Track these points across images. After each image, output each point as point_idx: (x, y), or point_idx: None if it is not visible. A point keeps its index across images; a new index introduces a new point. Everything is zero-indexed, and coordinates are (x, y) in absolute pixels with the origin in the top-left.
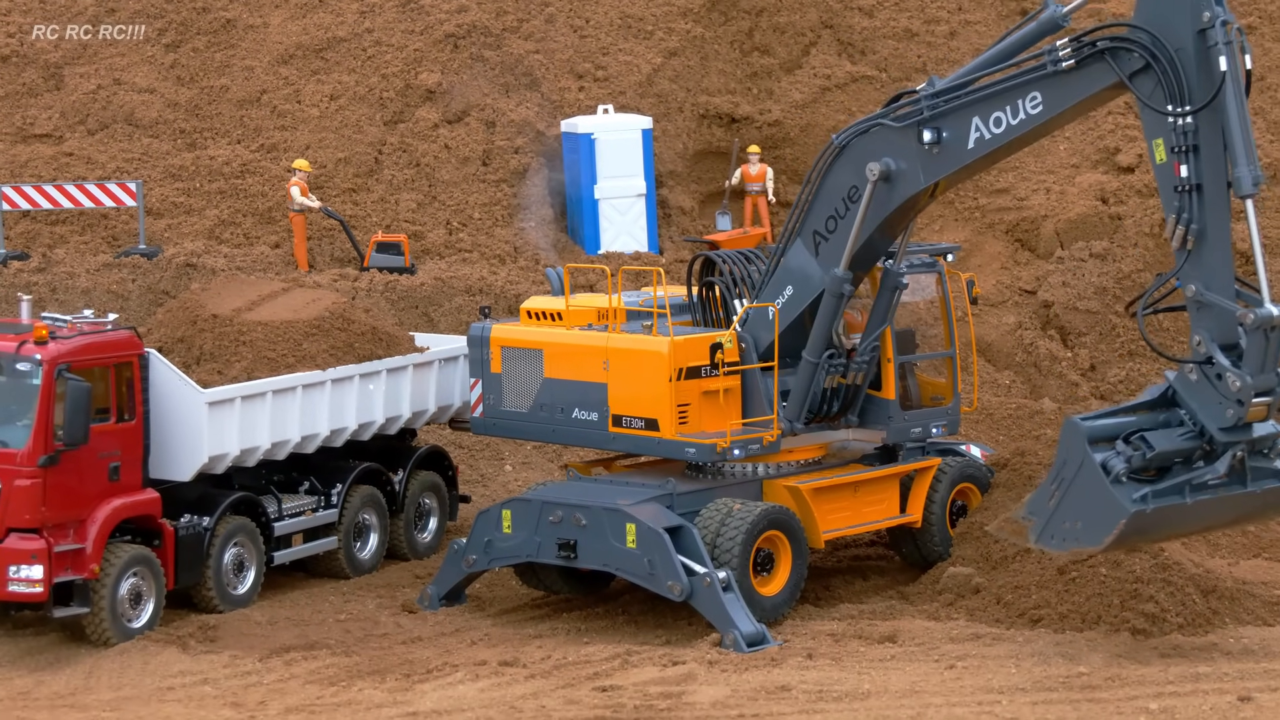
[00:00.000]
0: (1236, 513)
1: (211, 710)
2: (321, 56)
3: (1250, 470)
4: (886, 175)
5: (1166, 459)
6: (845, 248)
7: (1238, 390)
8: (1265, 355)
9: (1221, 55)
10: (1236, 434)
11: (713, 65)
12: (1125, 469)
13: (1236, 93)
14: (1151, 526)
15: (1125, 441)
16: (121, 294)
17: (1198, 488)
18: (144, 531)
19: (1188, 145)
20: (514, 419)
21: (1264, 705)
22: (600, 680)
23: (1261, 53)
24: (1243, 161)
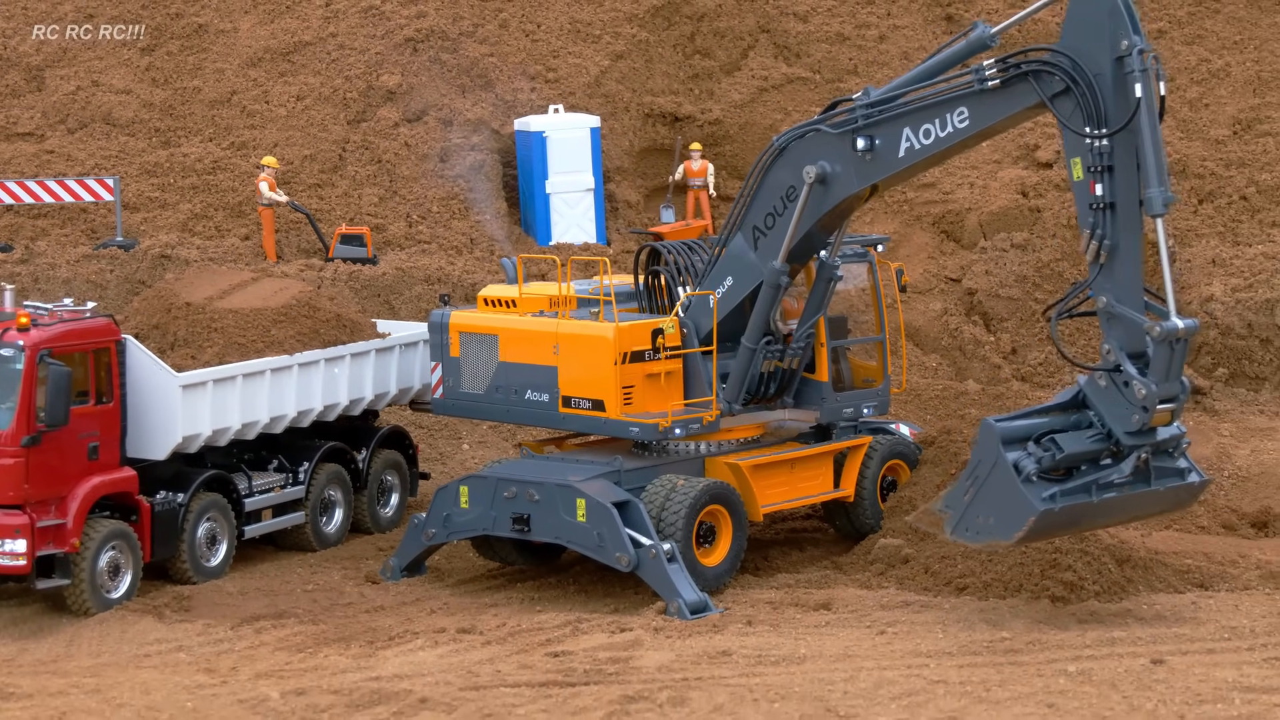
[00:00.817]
0: (1141, 509)
1: (186, 675)
2: (288, 59)
3: (1154, 470)
4: (822, 178)
5: (1075, 460)
6: (782, 243)
7: (1143, 398)
8: (1170, 365)
9: (1138, 82)
10: (1141, 438)
11: (657, 67)
12: (1036, 469)
13: (1150, 118)
14: (1059, 523)
15: (1036, 443)
16: (100, 284)
17: (1104, 487)
18: (122, 507)
19: (1103, 165)
20: (471, 400)
21: (1175, 667)
22: (552, 646)
23: (1171, 55)
24: (1154, 183)
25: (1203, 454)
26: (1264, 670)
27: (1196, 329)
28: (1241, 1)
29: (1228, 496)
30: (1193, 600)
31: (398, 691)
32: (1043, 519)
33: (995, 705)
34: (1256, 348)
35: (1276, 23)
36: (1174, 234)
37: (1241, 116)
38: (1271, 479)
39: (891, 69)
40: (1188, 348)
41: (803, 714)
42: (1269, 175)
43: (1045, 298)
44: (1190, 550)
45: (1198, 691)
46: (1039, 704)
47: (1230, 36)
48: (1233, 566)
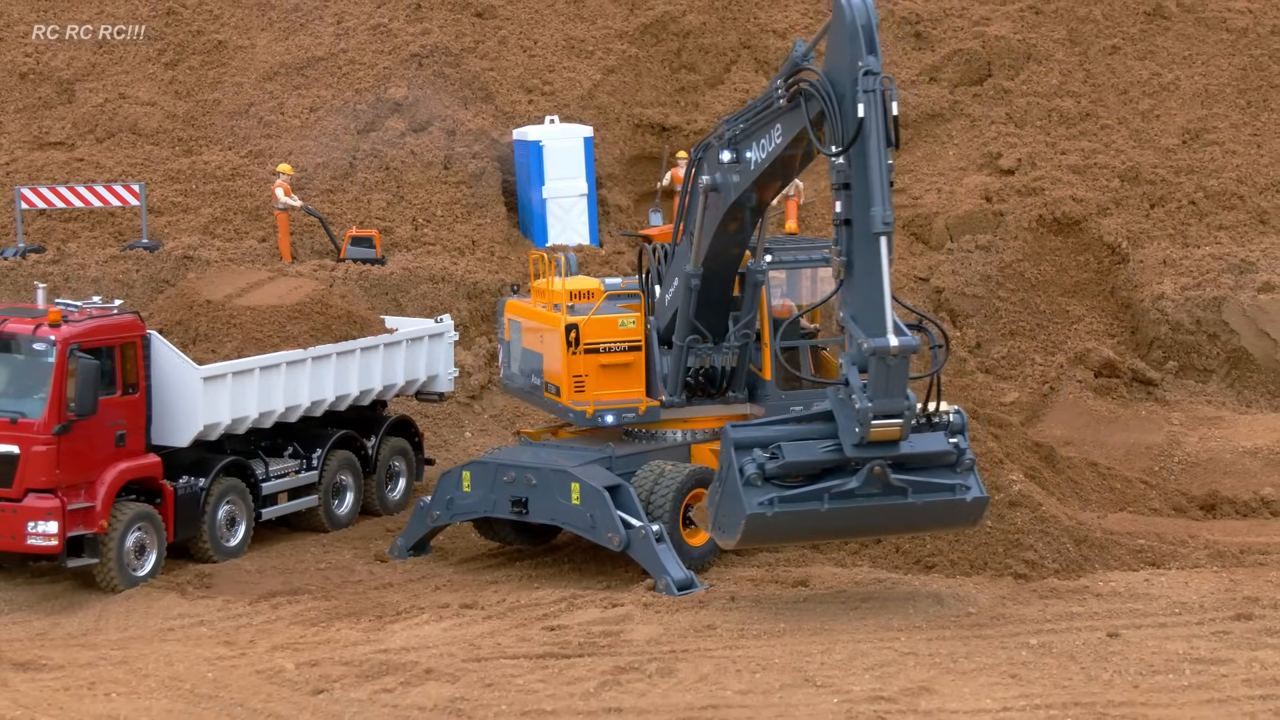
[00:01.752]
0: (904, 522)
1: (207, 648)
2: (302, 73)
3: (914, 484)
4: (713, 186)
5: (799, 468)
6: (694, 247)
7: (858, 412)
8: (886, 381)
9: (860, 102)
10: (866, 450)
11: (646, 81)
12: (756, 473)
13: (877, 139)
14: (779, 529)
15: (763, 449)
16: (127, 283)
17: (839, 496)
18: (147, 491)
19: (840, 183)
20: (514, 381)
21: (1130, 640)
22: (549, 620)
23: (1125, 69)
24: (876, 202)
25: (1154, 442)
26: (1212, 643)
27: (914, 347)
28: (1190, 20)
29: (1178, 481)
30: (1146, 578)
31: (405, 663)
32: (754, 522)
33: (962, 675)
34: (1204, 342)
35: (1222, 39)
36: (1128, 236)
37: (1190, 127)
38: (1218, 464)
39: None
40: (908, 365)
41: (782, 683)
42: (1216, 181)
43: (1007, 296)
44: (1143, 531)
45: (1150, 663)
46: (1003, 674)
47: (1180, 52)
48: (1183, 546)
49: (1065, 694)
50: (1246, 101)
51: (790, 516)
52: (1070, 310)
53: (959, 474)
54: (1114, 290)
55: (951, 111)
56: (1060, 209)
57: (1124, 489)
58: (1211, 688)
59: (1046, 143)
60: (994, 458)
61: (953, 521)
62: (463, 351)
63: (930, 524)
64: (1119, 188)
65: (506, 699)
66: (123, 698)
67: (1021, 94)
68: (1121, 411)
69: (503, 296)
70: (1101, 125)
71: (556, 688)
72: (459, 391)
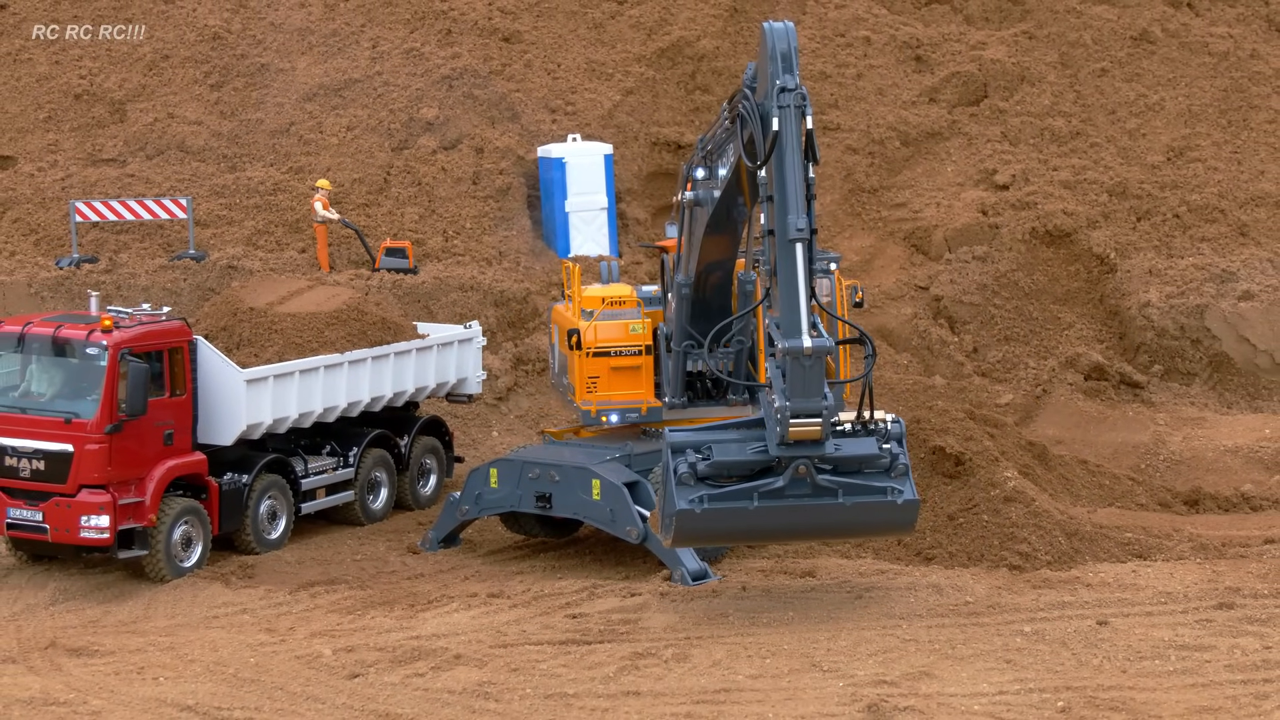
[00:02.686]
0: (836, 523)
1: (249, 635)
2: (339, 95)
3: (844, 485)
4: (695, 201)
5: (732, 468)
6: (684, 258)
7: (778, 411)
8: (802, 381)
9: (775, 117)
10: (790, 450)
11: (663, 102)
12: (688, 473)
13: (792, 150)
14: (709, 527)
15: (696, 450)
16: (175, 291)
17: (768, 495)
18: (193, 487)
19: (765, 195)
20: (556, 381)
21: (1118, 628)
22: (571, 609)
23: (1113, 90)
24: (792, 210)
25: (1141, 441)
26: (1196, 630)
27: (828, 348)
28: (1174, 44)
29: (1163, 478)
30: (1133, 569)
31: (435, 649)
32: (684, 519)
33: (960, 661)
34: (1188, 347)
35: (1204, 63)
36: (1116, 247)
37: (1174, 145)
38: (1201, 462)
39: (867, 103)
40: (823, 365)
41: (791, 668)
42: (1198, 196)
43: (1003, 304)
44: (1131, 525)
45: (1138, 649)
46: (998, 660)
47: (1164, 75)
48: (1168, 539)
49: (1057, 678)
50: (1228, 121)
51: (719, 514)
52: (1061, 317)
53: (893, 478)
54: (1103, 298)
55: (950, 130)
56: (1052, 222)
57: (1112, 485)
58: (1195, 673)
59: (1039, 159)
60: (990, 456)
61: (885, 525)
62: (490, 356)
63: (863, 527)
64: (1107, 202)
65: (531, 683)
66: (170, 681)
67: (1016, 114)
68: (1110, 412)
69: (554, 301)
70: (1091, 143)
71: (578, 672)
72: (487, 393)
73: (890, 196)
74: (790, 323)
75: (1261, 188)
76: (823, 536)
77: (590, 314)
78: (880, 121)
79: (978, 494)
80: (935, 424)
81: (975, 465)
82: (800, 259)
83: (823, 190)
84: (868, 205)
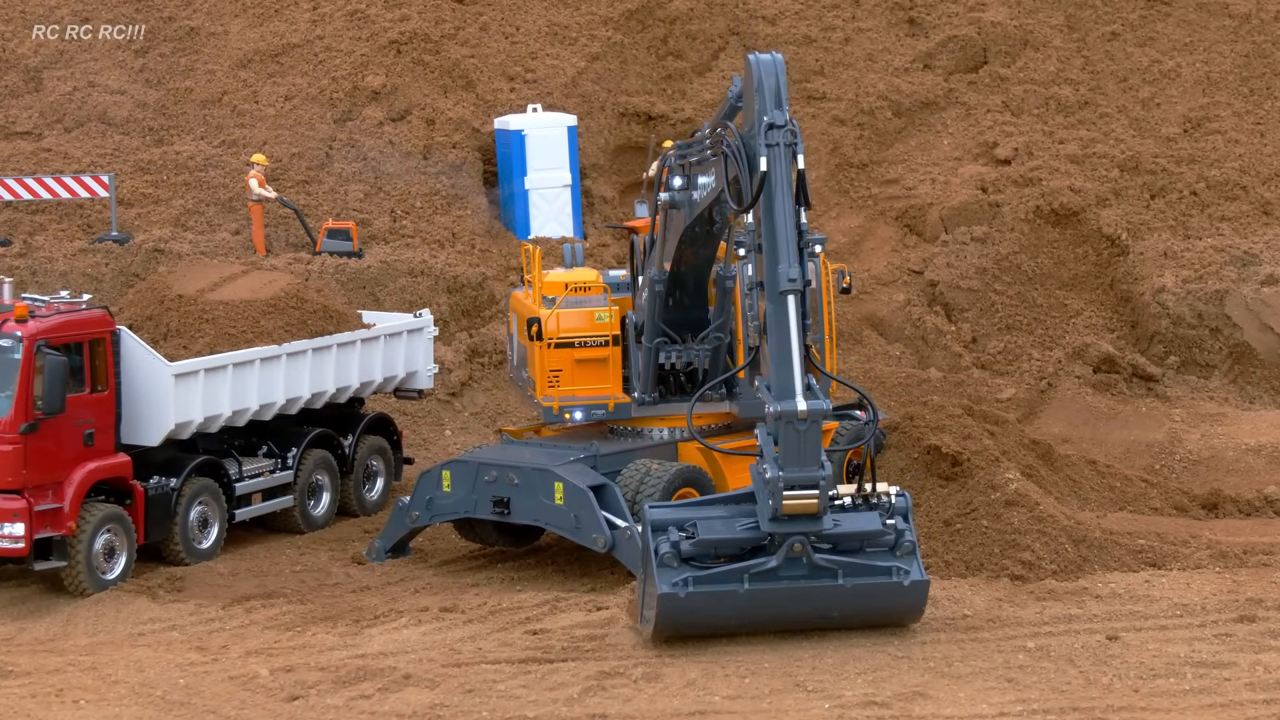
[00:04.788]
0: (826, 605)
1: (179, 654)
2: (277, 61)
3: (845, 565)
4: (672, 204)
5: (721, 547)
6: (658, 253)
7: (770, 483)
8: (797, 448)
9: (763, 156)
10: (784, 526)
11: (631, 69)
12: (670, 553)
13: (782, 193)
14: (697, 613)
15: (679, 528)
16: (96, 276)
17: (761, 576)
18: (116, 492)
19: (754, 246)
20: (515, 375)
21: (1129, 643)
22: (531, 624)
23: (1124, 56)
24: (783, 259)
25: (1155, 439)
26: (1214, 646)
27: (825, 411)
28: (1191, 5)
29: (1179, 480)
30: (1146, 579)
31: (383, 668)
32: (668, 605)
33: (957, 680)
34: (1206, 337)
35: (1224, 25)
36: (1128, 227)
37: (1191, 115)
38: (1220, 462)
39: (856, 69)
40: (819, 431)
41: (772, 688)
42: (1218, 171)
43: (1004, 289)
44: (1144, 531)
45: (1151, 666)
46: (999, 679)
47: (1180, 39)
48: (1184, 546)
49: (1063, 699)
50: (1249, 89)
51: (706, 599)
52: (1068, 304)
53: (898, 557)
54: (1113, 283)
55: (946, 100)
56: (1058, 200)
57: (1124, 488)
58: (1214, 692)
59: (1044, 132)
60: (990, 456)
61: (891, 609)
62: (442, 347)
63: (866, 611)
64: (1118, 178)
65: (488, 705)
66: (91, 705)
67: (1018, 81)
68: (1121, 408)
69: (512, 288)
70: (1100, 114)
71: (539, 693)
72: (439, 388)
73: (881, 172)
74: (782, 384)
75: None
76: (820, 622)
77: (552, 301)
78: (870, 90)
79: (976, 497)
80: (930, 421)
81: (974, 466)
82: (793, 313)
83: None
84: (856, 182)
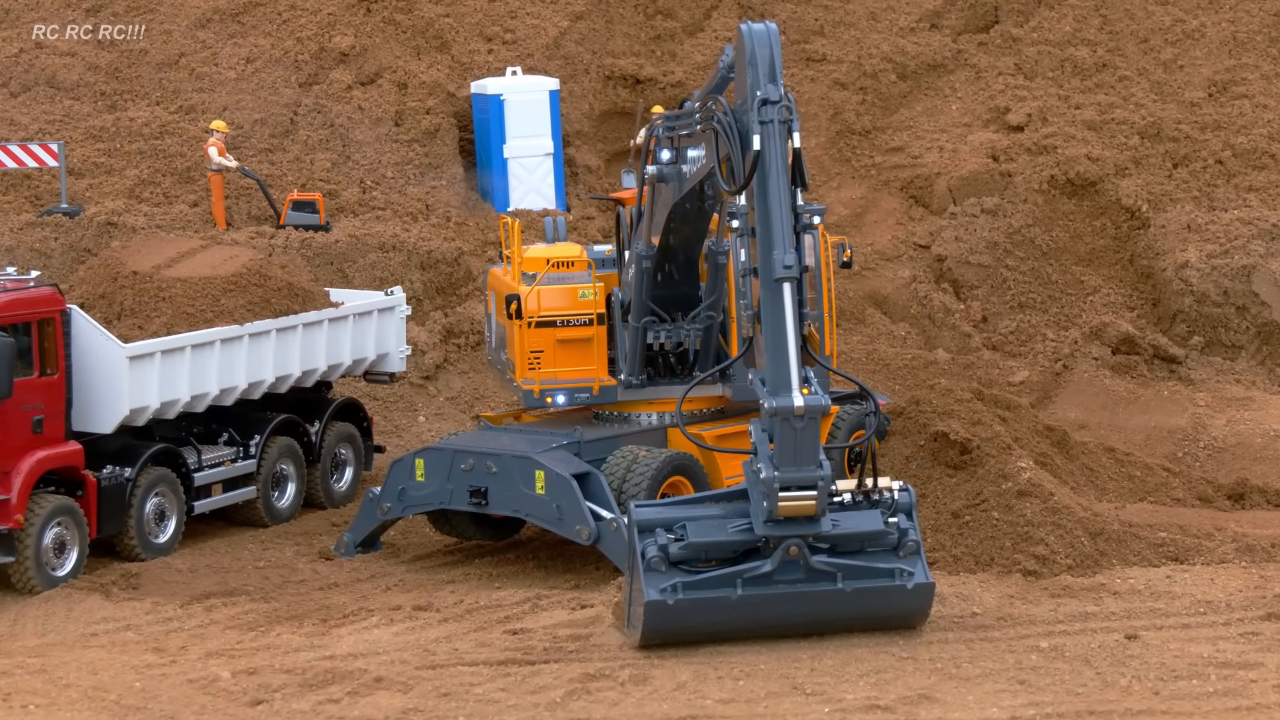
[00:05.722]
0: (824, 611)
1: (134, 655)
2: (238, 20)
3: (844, 568)
4: (660, 178)
5: (713, 550)
6: (646, 227)
7: (765, 483)
8: (794, 447)
9: (756, 134)
10: (780, 529)
11: (617, 28)
12: (658, 557)
13: (776, 173)
14: (687, 620)
15: (668, 530)
16: (44, 252)
17: (755, 581)
18: (67, 482)
19: (746, 228)
20: (493, 358)
21: (1149, 643)
22: (511, 624)
23: (1145, 15)
24: (777, 244)
25: (1177, 425)
26: (1239, 645)
27: (822, 407)
28: None
29: (1203, 468)
30: (1167, 574)
31: (352, 670)
32: (655, 613)
33: (965, 682)
34: (1232, 315)
35: None
36: (1149, 199)
37: (1217, 78)
38: (1248, 450)
39: (858, 29)
40: (818, 427)
41: (768, 691)
42: (1245, 138)
43: (1016, 264)
44: (1165, 523)
45: (1172, 667)
46: (1010, 680)
47: None
48: (1208, 539)
49: (1079, 701)
50: (1279, 50)
51: (697, 605)
52: (1085, 281)
53: (901, 558)
54: (1133, 259)
55: (955, 62)
56: (1074, 169)
57: (1144, 477)
58: (1239, 694)
59: (1059, 96)
60: (1001, 443)
61: (894, 613)
62: (415, 327)
63: (867, 616)
64: (1139, 145)
65: (464, 710)
66: (41, 710)
67: (1032, 42)
68: (1141, 392)
69: (490, 264)
70: (1120, 77)
71: (519, 697)
72: (412, 371)
73: (885, 140)
74: (778, 377)
75: None
76: (818, 628)
77: (533, 278)
78: (874, 51)
79: (987, 487)
80: (938, 406)
81: (984, 454)
82: (789, 301)
83: (807, 132)
84: (859, 150)
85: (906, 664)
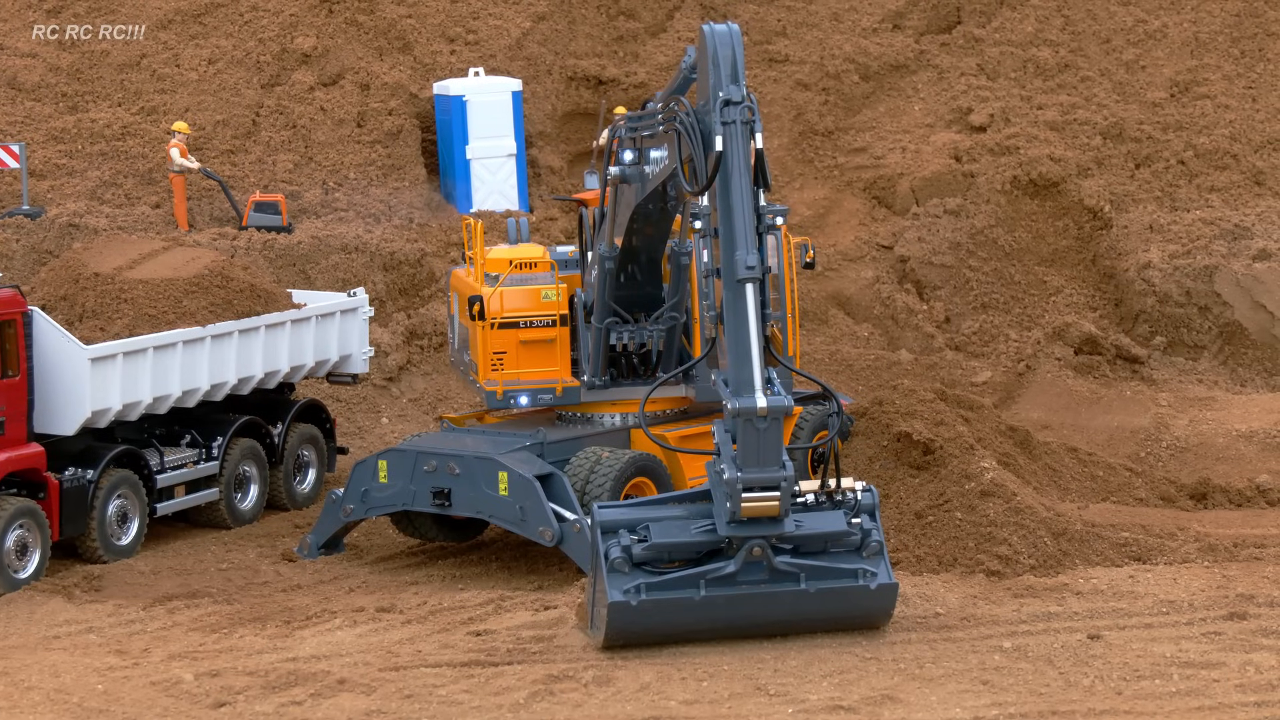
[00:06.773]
0: (788, 612)
1: (97, 658)
2: (200, 21)
3: (807, 569)
4: (623, 177)
5: (676, 551)
6: (609, 227)
7: (728, 484)
8: (756, 447)
9: (718, 134)
10: (743, 529)
11: (580, 29)
12: (621, 558)
13: (739, 174)
14: (650, 621)
15: (631, 531)
16: (5, 254)
17: (718, 582)
18: (29, 484)
19: (709, 229)
20: (456, 360)
21: (1112, 643)
22: (475, 625)
23: (1107, 15)
24: (740, 246)
25: (1140, 425)
26: (1202, 645)
27: (785, 408)
28: None
29: (1166, 468)
30: (1130, 574)
31: (315, 672)
32: (619, 614)
33: (928, 682)
34: (1195, 315)
35: None
36: (1111, 199)
37: (1179, 79)
38: (1210, 450)
39: (820, 30)
40: (780, 428)
41: (732, 692)
42: (1207, 139)
43: (979, 265)
44: (1128, 523)
45: (1135, 667)
46: (973, 680)
47: None
48: (1171, 539)
49: (1042, 701)
50: (1240, 51)
51: (660, 606)
52: (1048, 281)
53: (864, 559)
54: (1096, 259)
55: (917, 62)
56: (1037, 169)
57: (1107, 477)
58: (1202, 694)
59: (1022, 96)
60: (964, 443)
61: (857, 613)
62: (378, 329)
63: (831, 616)
64: (1101, 146)
65: (428, 711)
66: (3, 712)
67: (994, 43)
68: (1104, 392)
69: (453, 265)
70: (1082, 77)
71: (483, 699)
72: (374, 373)
73: (847, 140)
74: (741, 378)
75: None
76: (782, 628)
77: (495, 279)
78: (836, 52)
79: (950, 488)
80: (900, 406)
81: (947, 454)
82: (751, 302)
83: (770, 133)
84: (821, 150)
85: (870, 664)
